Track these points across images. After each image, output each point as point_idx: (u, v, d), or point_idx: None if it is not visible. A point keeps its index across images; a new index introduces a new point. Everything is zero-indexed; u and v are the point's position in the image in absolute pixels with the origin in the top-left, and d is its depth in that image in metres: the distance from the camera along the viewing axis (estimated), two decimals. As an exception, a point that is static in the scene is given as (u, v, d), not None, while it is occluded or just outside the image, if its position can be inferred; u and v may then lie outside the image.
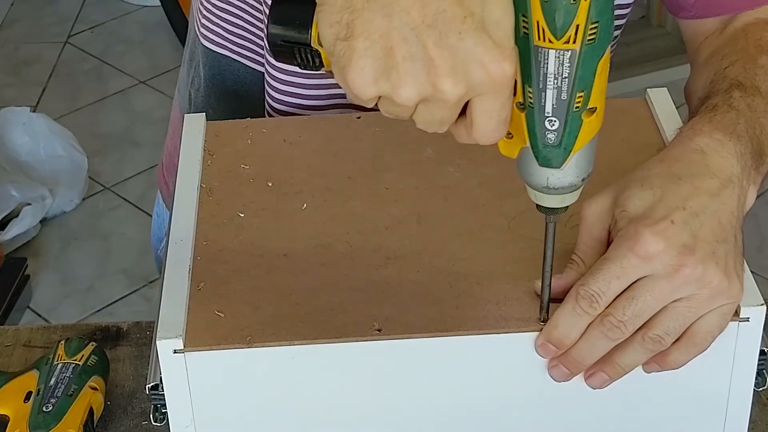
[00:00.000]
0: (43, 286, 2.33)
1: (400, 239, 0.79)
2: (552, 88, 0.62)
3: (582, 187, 0.68)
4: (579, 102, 0.62)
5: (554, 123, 0.63)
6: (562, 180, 0.66)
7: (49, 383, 0.85)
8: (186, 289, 0.75)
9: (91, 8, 3.20)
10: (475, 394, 0.74)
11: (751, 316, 0.72)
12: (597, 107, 0.63)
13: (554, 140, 0.64)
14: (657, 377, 0.74)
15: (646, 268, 0.69)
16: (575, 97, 0.62)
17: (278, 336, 0.72)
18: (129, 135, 2.73)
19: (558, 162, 0.65)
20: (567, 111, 0.63)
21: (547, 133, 0.64)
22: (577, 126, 0.63)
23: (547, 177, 0.66)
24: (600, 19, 0.60)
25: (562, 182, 0.66)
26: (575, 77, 0.61)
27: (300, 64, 0.66)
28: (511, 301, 0.73)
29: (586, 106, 0.63)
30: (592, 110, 0.63)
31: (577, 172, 0.66)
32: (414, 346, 0.72)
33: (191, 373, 0.72)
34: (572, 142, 0.64)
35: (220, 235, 0.79)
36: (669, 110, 0.89)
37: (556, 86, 0.62)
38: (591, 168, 0.67)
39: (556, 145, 0.64)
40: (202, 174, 0.85)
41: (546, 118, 0.63)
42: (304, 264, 0.77)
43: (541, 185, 0.67)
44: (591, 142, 0.65)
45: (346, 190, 0.83)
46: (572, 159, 0.65)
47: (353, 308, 0.73)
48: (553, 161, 0.65)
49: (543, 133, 0.64)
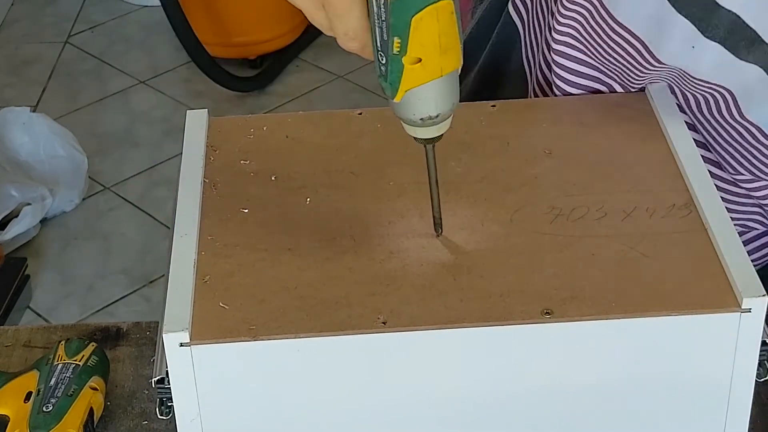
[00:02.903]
0: (43, 286, 2.33)
1: (404, 233, 0.79)
2: (377, 27, 0.69)
3: (434, 125, 0.73)
4: (397, 47, 0.69)
5: (383, 58, 0.70)
6: (399, 111, 0.73)
7: (49, 383, 0.85)
8: (191, 283, 0.75)
9: (91, 8, 3.20)
10: (480, 386, 0.75)
11: (753, 307, 0.73)
12: (423, 58, 0.69)
13: (384, 72, 0.71)
14: (658, 369, 0.74)
15: None
16: (393, 41, 0.69)
17: (283, 329, 0.72)
18: (129, 135, 2.73)
19: (390, 94, 0.71)
20: (388, 52, 0.69)
21: (379, 65, 0.71)
22: (399, 68, 0.70)
23: (391, 105, 0.73)
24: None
25: (400, 114, 0.73)
26: (389, 23, 0.68)
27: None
28: (515, 294, 0.74)
29: (405, 53, 0.69)
30: (417, 59, 0.69)
31: (413, 111, 0.72)
32: (419, 339, 0.72)
33: (197, 366, 0.72)
34: (397, 81, 0.70)
35: (224, 229, 0.80)
36: (669, 105, 0.90)
37: (379, 26, 0.69)
38: (434, 111, 0.72)
39: (385, 78, 0.71)
40: (205, 169, 0.85)
41: (378, 50, 0.70)
42: (309, 258, 0.77)
43: (393, 111, 0.74)
44: (426, 87, 0.71)
45: (349, 185, 0.84)
46: (404, 96, 0.71)
47: (358, 301, 0.74)
48: (386, 91, 0.72)
49: (378, 64, 0.71)
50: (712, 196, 0.81)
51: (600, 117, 0.90)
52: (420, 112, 0.72)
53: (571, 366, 0.74)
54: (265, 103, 2.84)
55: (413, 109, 0.72)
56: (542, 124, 0.89)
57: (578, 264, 0.76)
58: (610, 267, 0.76)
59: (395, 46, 0.69)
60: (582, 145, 0.87)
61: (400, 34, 0.68)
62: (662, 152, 0.86)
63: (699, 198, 0.81)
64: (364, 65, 2.94)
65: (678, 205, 0.81)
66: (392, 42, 0.69)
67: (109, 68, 2.96)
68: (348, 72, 2.94)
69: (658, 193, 0.82)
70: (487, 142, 0.87)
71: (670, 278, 0.75)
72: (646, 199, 0.81)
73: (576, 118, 0.90)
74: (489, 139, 0.87)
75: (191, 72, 2.86)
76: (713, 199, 0.81)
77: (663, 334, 0.73)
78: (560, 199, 0.82)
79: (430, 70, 0.70)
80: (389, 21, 0.68)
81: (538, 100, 1.00)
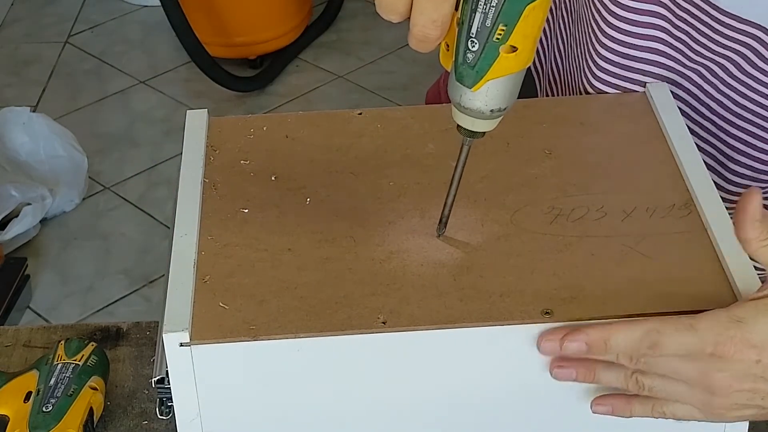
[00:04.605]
0: (43, 286, 2.33)
1: (404, 233, 0.79)
2: (480, 12, 0.68)
3: (495, 119, 0.73)
4: (500, 34, 0.68)
5: (475, 44, 0.69)
6: (471, 101, 0.72)
7: (49, 383, 0.85)
8: (191, 283, 0.75)
9: (91, 8, 3.20)
10: (480, 385, 0.75)
11: (752, 307, 0.73)
12: (519, 48, 0.69)
13: (471, 60, 0.70)
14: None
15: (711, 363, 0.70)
16: (497, 27, 0.68)
17: (283, 329, 0.72)
18: (129, 135, 2.73)
19: (469, 82, 0.71)
20: (487, 38, 0.69)
21: (467, 52, 0.70)
22: (493, 56, 0.69)
23: (460, 94, 0.72)
24: None
25: (471, 104, 0.72)
26: (501, 9, 0.67)
27: None
28: (515, 294, 0.74)
29: (506, 41, 0.69)
30: (513, 48, 0.69)
31: (487, 101, 0.71)
32: (419, 339, 0.72)
33: (197, 366, 0.72)
34: (485, 68, 0.70)
35: (224, 229, 0.80)
36: (669, 105, 0.90)
37: (483, 11, 0.68)
38: (504, 104, 0.72)
39: (472, 66, 0.70)
40: (205, 169, 0.85)
41: (470, 38, 0.69)
42: (309, 258, 0.77)
43: (455, 101, 0.73)
44: (507, 79, 0.71)
45: (349, 185, 0.84)
46: (484, 86, 0.71)
47: (358, 301, 0.74)
48: (465, 80, 0.71)
49: (464, 51, 0.70)
50: (712, 196, 0.81)
51: (600, 117, 0.90)
52: (494, 103, 0.72)
53: (571, 366, 0.74)
54: (265, 103, 2.84)
55: (488, 100, 0.71)
56: (542, 124, 0.89)
57: (578, 264, 0.76)
58: (610, 267, 0.76)
59: (498, 33, 0.68)
60: (582, 145, 0.87)
61: (509, 20, 0.68)
62: (662, 152, 0.86)
63: (699, 198, 0.81)
64: (364, 65, 2.94)
65: (678, 205, 0.81)
66: (496, 28, 0.68)
67: (109, 68, 2.96)
68: (348, 72, 2.94)
69: (658, 193, 0.82)
70: (487, 142, 0.86)
71: (670, 278, 0.75)
72: (646, 199, 0.81)
73: (576, 118, 0.90)
74: (489, 139, 0.87)
75: (191, 72, 2.86)
76: (713, 199, 0.81)
77: (663, 334, 0.73)
78: (560, 199, 0.82)
79: (520, 60, 0.70)
80: (501, 6, 0.67)
81: (538, 100, 1.00)
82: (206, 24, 2.81)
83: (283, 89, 2.90)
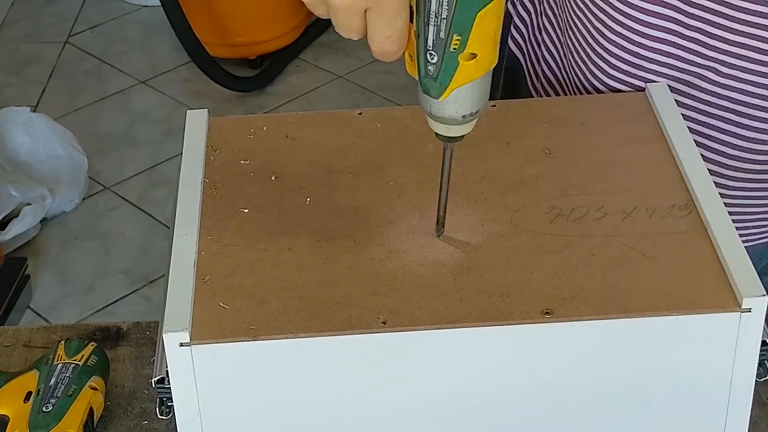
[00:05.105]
0: (43, 286, 2.33)
1: (404, 233, 0.79)
2: (432, 25, 0.67)
3: (469, 123, 0.73)
4: (456, 44, 0.68)
5: (434, 57, 0.69)
6: (442, 111, 0.72)
7: (49, 383, 0.85)
8: (191, 283, 0.75)
9: (91, 8, 3.20)
10: (480, 385, 0.75)
11: (752, 307, 0.73)
12: (478, 54, 0.68)
13: (433, 72, 0.69)
14: (658, 369, 0.74)
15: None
16: (452, 38, 0.67)
17: (284, 329, 0.72)
18: (129, 135, 2.73)
19: (435, 93, 0.70)
20: (444, 49, 0.68)
21: (427, 65, 0.69)
22: (453, 66, 0.69)
23: (430, 105, 0.72)
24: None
25: (442, 113, 0.72)
26: (452, 20, 0.67)
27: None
28: (515, 294, 0.74)
29: (463, 50, 0.68)
30: (472, 55, 0.68)
31: (456, 108, 0.71)
32: (419, 339, 0.72)
33: (197, 366, 0.72)
34: (448, 79, 0.69)
35: (224, 229, 0.80)
36: (669, 105, 0.90)
37: (435, 24, 0.67)
38: (474, 108, 0.72)
39: (434, 78, 0.69)
40: (205, 169, 0.85)
41: (427, 50, 0.69)
42: (309, 258, 0.77)
43: (426, 111, 0.73)
44: (473, 84, 0.70)
45: (349, 185, 0.84)
46: (451, 95, 0.70)
47: (358, 301, 0.74)
48: (431, 91, 0.70)
49: (425, 63, 0.69)
50: (712, 196, 0.81)
51: (600, 117, 0.90)
52: (464, 109, 0.72)
53: (570, 366, 0.74)
54: (265, 103, 2.84)
55: (457, 107, 0.72)
56: (542, 124, 0.89)
57: (578, 264, 0.76)
58: (610, 267, 0.76)
59: (453, 43, 0.68)
60: (582, 145, 0.87)
61: (462, 30, 0.67)
62: (662, 152, 0.86)
63: (699, 198, 0.81)
64: (364, 65, 2.94)
65: (678, 205, 0.81)
66: (451, 39, 0.67)
67: (109, 68, 2.96)
68: (348, 72, 2.94)
69: (658, 193, 0.82)
70: (487, 142, 0.87)
71: (670, 278, 0.75)
72: (646, 199, 0.81)
73: (576, 118, 0.90)
74: (489, 139, 0.87)
75: (191, 72, 2.86)
76: (713, 199, 0.81)
77: (663, 334, 0.73)
78: (560, 199, 0.82)
79: (481, 66, 0.70)
80: (452, 18, 0.67)
81: (538, 100, 1.00)
82: (206, 24, 2.81)
83: (283, 89, 2.90)
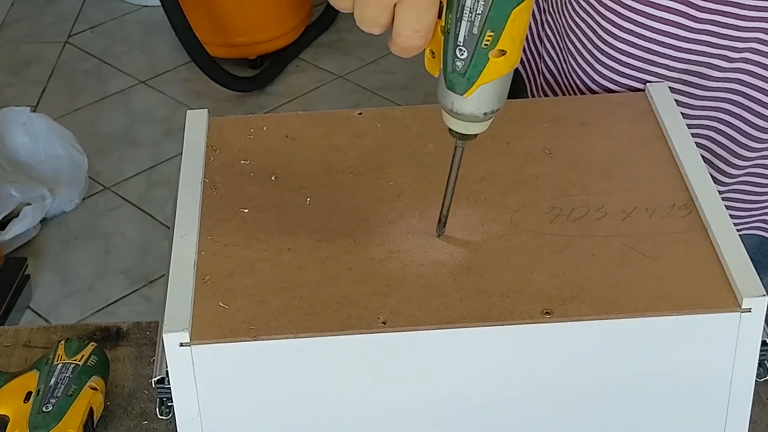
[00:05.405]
0: (43, 286, 2.33)
1: (404, 233, 0.79)
2: (466, 21, 0.67)
3: (487, 121, 0.73)
4: (488, 40, 0.68)
5: (463, 52, 0.69)
6: (464, 107, 0.72)
7: (49, 383, 0.85)
8: (191, 283, 0.75)
9: (91, 8, 3.20)
10: (480, 386, 0.75)
11: (752, 307, 0.73)
12: (507, 51, 0.69)
13: (461, 68, 0.69)
14: (658, 369, 0.74)
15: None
16: (485, 34, 0.68)
17: (284, 329, 0.72)
18: (129, 135, 2.73)
19: (461, 90, 0.70)
20: (475, 45, 0.68)
21: (456, 60, 0.69)
22: (483, 62, 0.69)
23: (452, 101, 0.72)
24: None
25: (464, 109, 0.72)
26: (487, 16, 0.67)
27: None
28: (515, 294, 0.74)
29: (495, 46, 0.68)
30: (501, 52, 0.69)
31: (479, 105, 0.71)
32: (419, 339, 0.72)
33: (197, 366, 0.72)
34: (476, 75, 0.69)
35: (224, 229, 0.80)
36: (669, 105, 0.90)
37: (469, 20, 0.67)
38: (496, 106, 0.72)
39: (462, 74, 0.70)
40: (205, 169, 0.85)
41: (457, 46, 0.69)
42: (309, 258, 0.77)
43: (447, 107, 0.72)
44: (498, 81, 0.70)
45: (349, 185, 0.84)
46: (476, 91, 0.70)
47: (358, 301, 0.74)
48: (457, 87, 0.70)
49: (453, 60, 0.69)
50: (712, 196, 0.81)
51: (600, 117, 0.90)
52: (486, 107, 0.72)
53: (570, 366, 0.74)
54: (265, 103, 2.84)
55: (480, 105, 0.71)
56: (542, 124, 0.89)
57: (578, 264, 0.76)
58: (610, 267, 0.76)
59: (486, 39, 0.68)
60: (582, 145, 0.87)
61: (496, 26, 0.67)
62: (662, 152, 0.86)
63: (699, 198, 0.81)
64: (364, 65, 2.94)
65: (678, 205, 0.81)
66: (484, 35, 0.68)
67: (109, 68, 2.96)
68: (348, 72, 2.94)
69: (658, 193, 0.82)
70: (487, 142, 0.86)
71: (670, 278, 0.75)
72: (646, 199, 0.81)
73: (576, 118, 0.90)
74: (489, 139, 0.87)
75: (191, 72, 2.86)
76: (713, 199, 0.81)
77: (663, 334, 0.73)
78: (560, 199, 0.82)
79: (509, 63, 0.70)
80: (487, 14, 0.67)
81: (538, 100, 1.00)
82: (206, 24, 2.81)
83: (283, 89, 2.90)
